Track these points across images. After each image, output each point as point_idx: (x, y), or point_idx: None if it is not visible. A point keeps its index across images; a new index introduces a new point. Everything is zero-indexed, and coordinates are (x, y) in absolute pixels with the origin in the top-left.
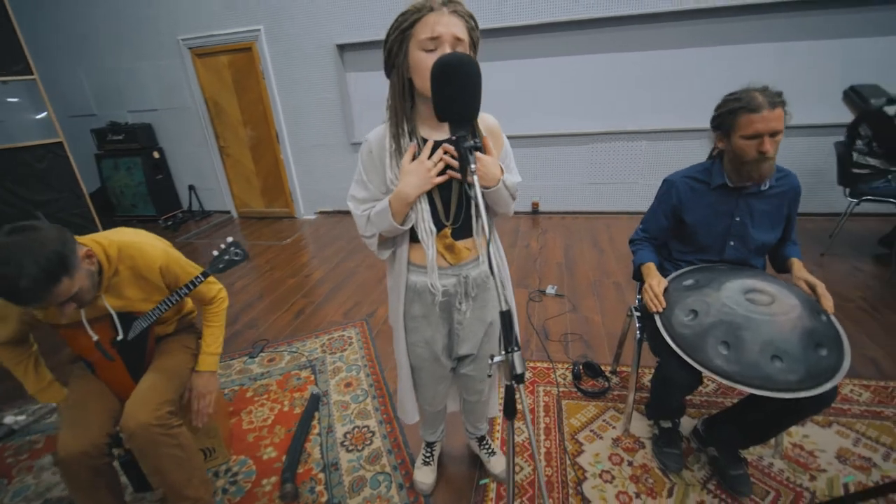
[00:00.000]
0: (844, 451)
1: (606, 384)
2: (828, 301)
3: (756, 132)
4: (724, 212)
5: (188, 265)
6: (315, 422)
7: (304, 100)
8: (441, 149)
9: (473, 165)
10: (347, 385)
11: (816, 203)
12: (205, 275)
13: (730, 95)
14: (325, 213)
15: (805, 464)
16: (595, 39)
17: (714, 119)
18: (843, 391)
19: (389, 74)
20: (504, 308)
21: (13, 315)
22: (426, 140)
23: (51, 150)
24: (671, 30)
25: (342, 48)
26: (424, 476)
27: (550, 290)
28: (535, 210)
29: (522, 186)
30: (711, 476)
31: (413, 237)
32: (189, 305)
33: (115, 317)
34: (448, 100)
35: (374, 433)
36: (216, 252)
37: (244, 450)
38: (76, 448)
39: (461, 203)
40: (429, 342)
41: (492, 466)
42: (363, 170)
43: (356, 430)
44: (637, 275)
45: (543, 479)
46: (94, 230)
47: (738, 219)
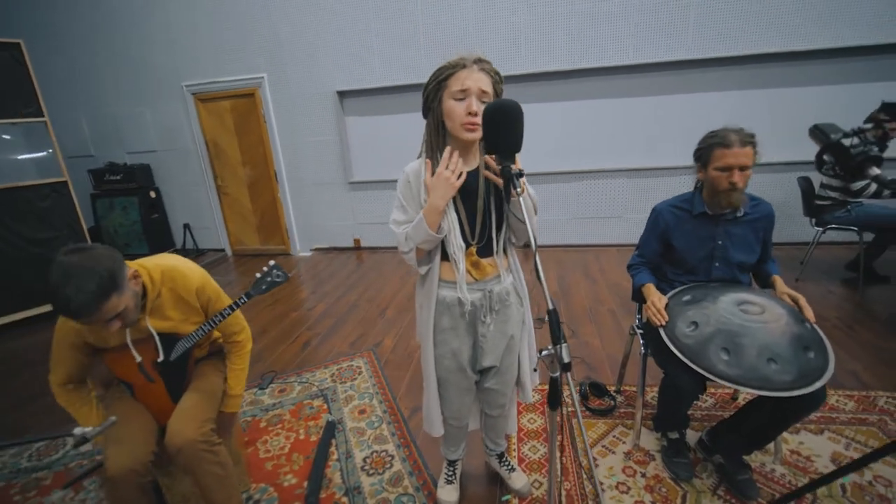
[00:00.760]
0: (838, 455)
1: (613, 402)
2: (809, 312)
3: (727, 165)
4: (706, 236)
5: (221, 291)
6: (332, 448)
7: (304, 141)
8: (454, 154)
9: (518, 189)
10: (361, 412)
11: (786, 233)
12: (248, 295)
13: (710, 133)
14: (321, 250)
15: (804, 468)
16: (580, 88)
17: (696, 152)
18: (830, 401)
19: (426, 116)
20: (551, 307)
21: (68, 342)
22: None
23: (55, 189)
24: (648, 79)
25: (342, 94)
26: (448, 495)
27: (541, 320)
28: (527, 244)
29: None
30: (720, 483)
31: (444, 256)
32: (217, 332)
33: (157, 338)
34: (496, 136)
35: (394, 457)
36: (259, 274)
37: (263, 478)
38: (126, 465)
39: (485, 224)
40: (455, 353)
41: (513, 482)
42: (402, 197)
43: (375, 455)
44: (636, 296)
45: (596, 475)
46: None
47: (720, 242)
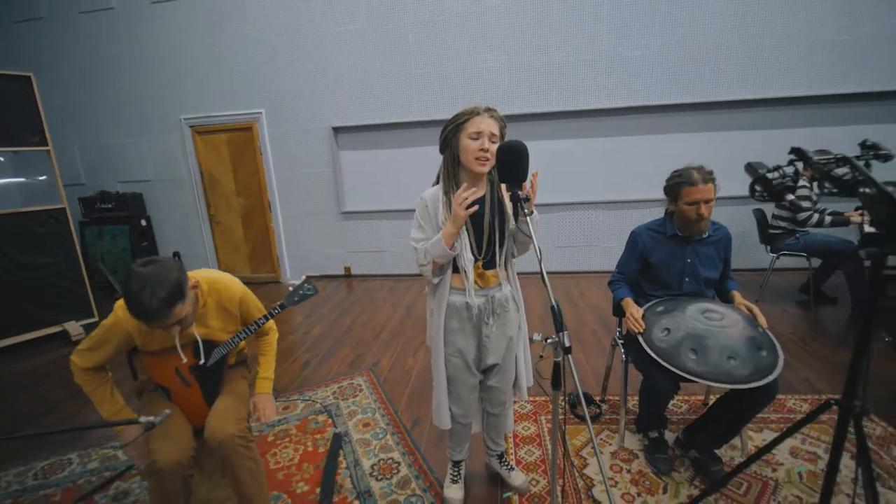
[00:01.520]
0: (795, 449)
1: (599, 410)
2: (762, 319)
3: (694, 200)
4: (678, 255)
5: (258, 302)
6: (341, 458)
7: (299, 173)
8: (467, 191)
9: (527, 210)
10: (366, 425)
11: (746, 260)
12: (282, 306)
13: (675, 171)
14: (312, 278)
15: (767, 460)
16: (560, 128)
17: (665, 188)
18: (788, 404)
19: (443, 152)
20: (553, 303)
21: (115, 341)
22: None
23: (53, 216)
24: (621, 121)
25: (337, 130)
26: (454, 493)
27: (537, 337)
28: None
29: None
30: (696, 475)
31: (454, 268)
32: (243, 343)
33: (201, 343)
34: (507, 169)
35: (400, 463)
36: (291, 287)
37: (275, 486)
38: (173, 458)
39: (490, 242)
40: (462, 352)
41: (512, 480)
42: (420, 218)
43: (382, 462)
44: (616, 310)
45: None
46: (84, 294)
47: (689, 260)
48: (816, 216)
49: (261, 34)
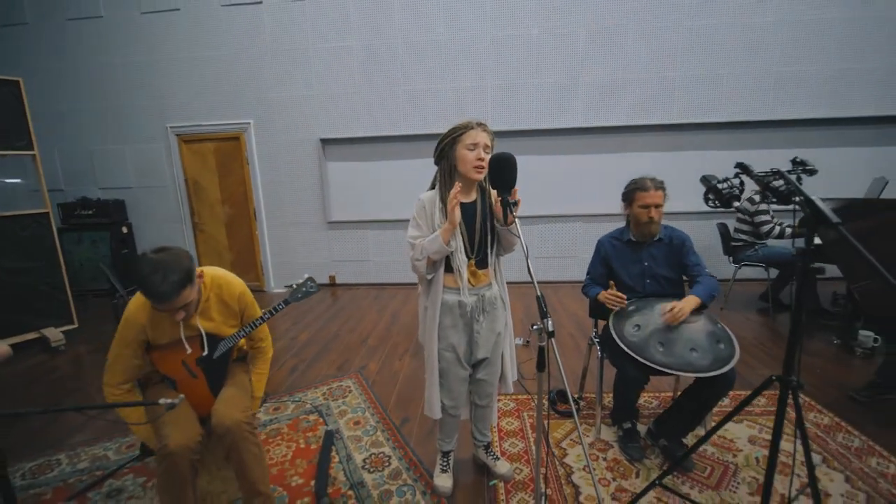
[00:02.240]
0: (753, 437)
1: (576, 406)
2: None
3: (645, 204)
4: (636, 259)
5: (255, 301)
6: (333, 453)
7: (285, 183)
8: (456, 196)
9: (514, 217)
10: (356, 423)
11: (711, 271)
12: (286, 302)
13: (632, 180)
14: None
15: (728, 447)
16: (540, 145)
17: (623, 194)
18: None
19: (438, 162)
20: (538, 293)
21: (131, 338)
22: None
23: (36, 220)
24: (597, 139)
25: (325, 141)
26: (444, 481)
27: (518, 341)
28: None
29: None
30: (665, 460)
31: (447, 268)
32: (243, 341)
33: (204, 336)
34: (499, 176)
35: (391, 457)
36: (294, 285)
37: (271, 480)
38: (182, 442)
39: (482, 244)
40: (454, 347)
41: (498, 469)
42: (417, 217)
43: (373, 456)
44: (593, 311)
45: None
46: (64, 300)
47: (647, 263)
48: (777, 228)
49: (252, 47)
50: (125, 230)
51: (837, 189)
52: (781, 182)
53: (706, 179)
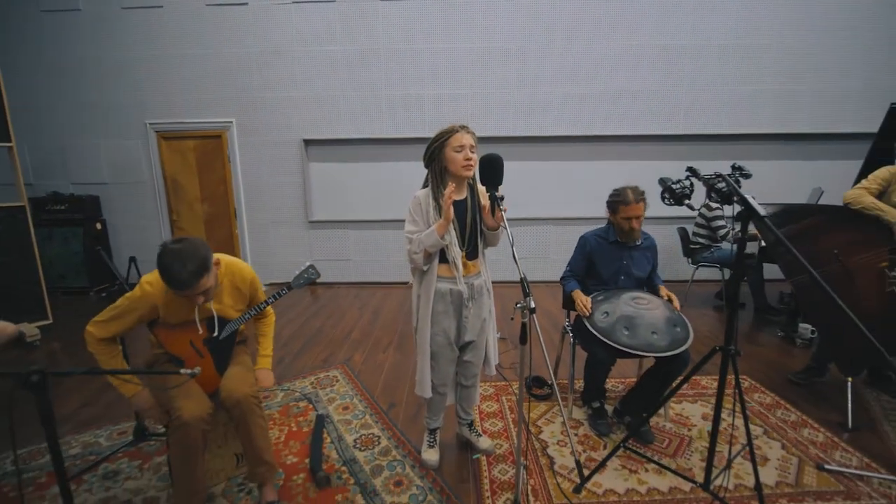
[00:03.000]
0: (706, 415)
1: (550, 390)
2: (676, 303)
3: (628, 216)
4: (617, 257)
5: (262, 286)
6: (325, 435)
7: (267, 182)
8: (451, 195)
9: (501, 209)
10: (345, 408)
11: (672, 272)
12: (289, 288)
13: (616, 190)
14: (276, 285)
15: (684, 423)
16: (517, 151)
17: (607, 203)
18: (702, 382)
19: (429, 165)
20: (522, 275)
21: (139, 312)
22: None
23: (10, 214)
24: (570, 147)
25: (308, 142)
26: (431, 456)
27: (497, 335)
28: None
29: None
30: (629, 435)
31: (442, 259)
32: (244, 325)
33: (216, 318)
34: (487, 174)
35: (380, 437)
36: (297, 272)
37: None
38: (197, 413)
39: (472, 238)
40: (446, 331)
41: (480, 444)
42: (413, 213)
43: (363, 437)
44: (566, 302)
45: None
46: (38, 294)
47: (625, 262)
48: (732, 232)
49: (237, 48)
50: (99, 227)
51: (783, 198)
52: (724, 184)
53: (663, 181)
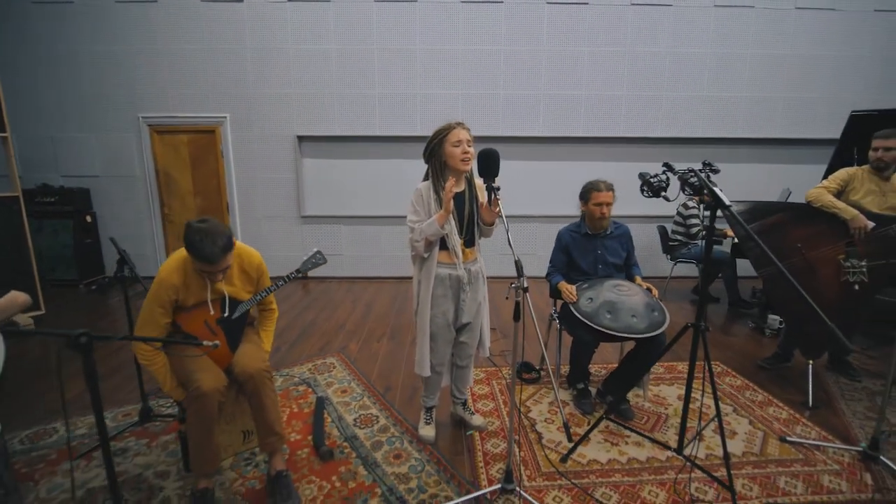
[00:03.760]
0: (681, 396)
1: (538, 375)
2: (655, 291)
3: (598, 202)
4: (591, 248)
5: (268, 271)
6: (326, 415)
7: (260, 177)
8: (452, 187)
9: (498, 199)
10: (343, 392)
11: (652, 268)
12: (298, 272)
13: (588, 182)
14: (271, 279)
15: (661, 403)
16: (504, 151)
17: (580, 193)
18: (678, 367)
19: (429, 161)
20: (516, 258)
21: (164, 299)
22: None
23: (4, 204)
24: (556, 148)
25: (301, 138)
26: (428, 432)
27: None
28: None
29: None
30: (611, 409)
31: (441, 246)
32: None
33: (227, 298)
34: (485, 166)
35: (378, 416)
36: (305, 257)
37: None
38: (214, 385)
39: (469, 227)
40: (445, 313)
41: (473, 421)
42: (415, 204)
43: (362, 416)
44: (553, 293)
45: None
46: (32, 285)
47: (599, 252)
48: (705, 230)
49: (231, 44)
50: (89, 219)
51: (756, 197)
52: (695, 178)
53: (642, 175)
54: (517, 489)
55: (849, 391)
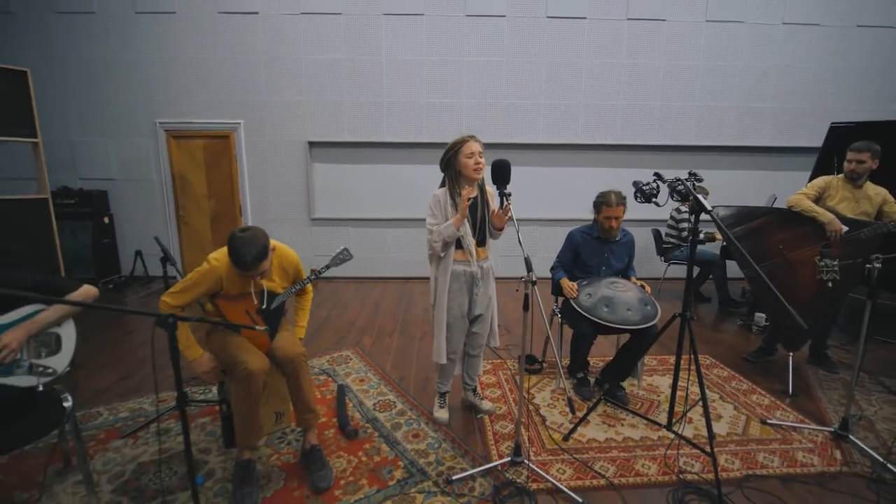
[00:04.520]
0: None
1: (541, 366)
2: (648, 288)
3: (608, 216)
4: (599, 251)
5: (304, 270)
6: (348, 400)
7: (271, 181)
8: (468, 194)
9: (509, 204)
10: (361, 381)
11: (647, 270)
12: (327, 267)
13: (601, 193)
14: None
15: (654, 391)
16: (509, 158)
17: (594, 203)
18: (670, 360)
19: (444, 169)
20: (526, 256)
21: (206, 284)
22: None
23: (35, 206)
24: (556, 155)
25: (312, 144)
26: (442, 414)
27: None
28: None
29: None
30: (607, 392)
31: (457, 246)
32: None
33: (266, 292)
34: (498, 174)
35: (395, 402)
36: (333, 254)
37: None
38: (260, 366)
39: (482, 229)
40: (460, 305)
41: (483, 406)
42: (433, 208)
43: (381, 402)
44: (555, 288)
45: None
46: (59, 283)
47: (606, 255)
48: (689, 233)
49: (246, 53)
50: (107, 220)
51: (744, 203)
52: (682, 186)
53: (635, 183)
54: (525, 461)
55: (826, 381)
